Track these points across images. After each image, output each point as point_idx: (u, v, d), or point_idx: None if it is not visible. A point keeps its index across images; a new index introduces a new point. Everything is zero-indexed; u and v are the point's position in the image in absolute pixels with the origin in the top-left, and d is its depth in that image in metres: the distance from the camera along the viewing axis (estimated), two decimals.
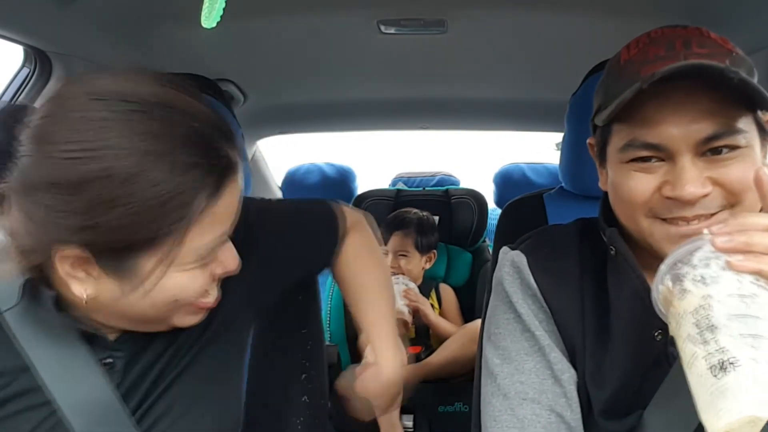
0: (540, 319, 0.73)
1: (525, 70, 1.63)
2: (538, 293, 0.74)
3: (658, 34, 0.66)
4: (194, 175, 0.56)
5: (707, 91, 0.61)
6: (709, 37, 0.65)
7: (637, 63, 0.65)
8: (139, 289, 0.59)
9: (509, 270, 0.77)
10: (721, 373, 0.47)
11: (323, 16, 1.24)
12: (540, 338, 0.72)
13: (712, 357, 0.48)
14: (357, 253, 0.91)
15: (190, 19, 0.80)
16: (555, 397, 0.70)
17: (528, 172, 2.40)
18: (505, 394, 0.71)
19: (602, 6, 1.17)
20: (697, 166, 0.62)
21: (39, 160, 0.54)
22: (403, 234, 1.97)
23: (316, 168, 2.40)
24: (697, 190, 0.61)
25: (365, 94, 1.88)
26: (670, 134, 0.62)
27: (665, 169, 0.64)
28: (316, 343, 0.99)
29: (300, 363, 0.94)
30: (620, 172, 0.67)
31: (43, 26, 1.10)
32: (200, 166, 0.57)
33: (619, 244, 0.69)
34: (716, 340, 0.48)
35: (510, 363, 0.73)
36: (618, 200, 0.69)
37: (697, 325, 0.50)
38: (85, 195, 0.53)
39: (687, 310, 0.52)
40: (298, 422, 0.91)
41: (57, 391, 0.65)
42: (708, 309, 0.50)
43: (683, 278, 0.53)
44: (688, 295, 0.52)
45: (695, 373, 0.49)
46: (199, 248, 0.60)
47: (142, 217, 0.55)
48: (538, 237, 0.81)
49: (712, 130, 0.61)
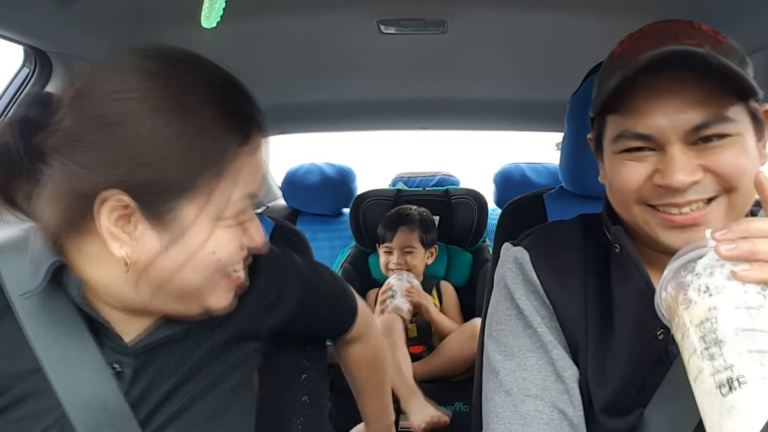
0: (542, 316, 0.73)
1: (525, 70, 1.63)
2: (541, 289, 0.74)
3: (650, 28, 0.68)
4: (225, 122, 0.60)
5: (695, 81, 0.61)
6: (699, 29, 0.66)
7: (628, 56, 0.65)
8: (180, 244, 0.60)
9: (511, 266, 0.77)
10: (728, 391, 0.46)
11: (323, 16, 1.24)
12: (542, 335, 0.72)
13: (719, 374, 0.47)
14: (366, 355, 1.01)
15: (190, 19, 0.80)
16: (557, 394, 0.70)
17: (528, 172, 2.40)
18: (507, 390, 0.71)
19: (602, 6, 1.17)
20: (687, 155, 0.62)
21: (77, 113, 0.58)
22: (408, 230, 2.00)
23: (316, 168, 2.40)
24: (686, 178, 0.62)
25: (365, 94, 1.88)
26: (658, 124, 0.62)
27: (656, 158, 0.64)
28: (316, 344, 0.99)
29: (300, 363, 0.94)
30: (614, 162, 0.68)
31: (43, 26, 1.10)
32: (230, 114, 0.61)
33: (625, 242, 0.70)
34: (723, 357, 0.47)
35: (512, 359, 0.72)
36: (611, 190, 0.70)
37: (704, 339, 0.49)
38: (123, 136, 0.56)
39: (693, 322, 0.51)
40: (299, 422, 0.91)
41: (66, 395, 0.63)
42: (714, 322, 0.49)
43: (687, 287, 0.52)
44: (692, 306, 0.51)
45: (702, 390, 0.48)
46: (234, 202, 0.62)
47: (180, 155, 0.58)
48: (541, 233, 0.81)
49: (700, 119, 0.61)
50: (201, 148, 0.59)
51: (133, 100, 0.57)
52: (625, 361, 0.68)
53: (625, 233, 0.71)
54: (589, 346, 0.71)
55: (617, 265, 0.72)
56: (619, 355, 0.69)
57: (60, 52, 1.21)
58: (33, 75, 1.23)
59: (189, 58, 0.62)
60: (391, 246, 2.00)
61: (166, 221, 0.59)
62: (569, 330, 0.72)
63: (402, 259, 1.97)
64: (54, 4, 1.04)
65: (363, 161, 2.83)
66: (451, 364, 1.78)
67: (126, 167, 0.57)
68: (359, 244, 2.19)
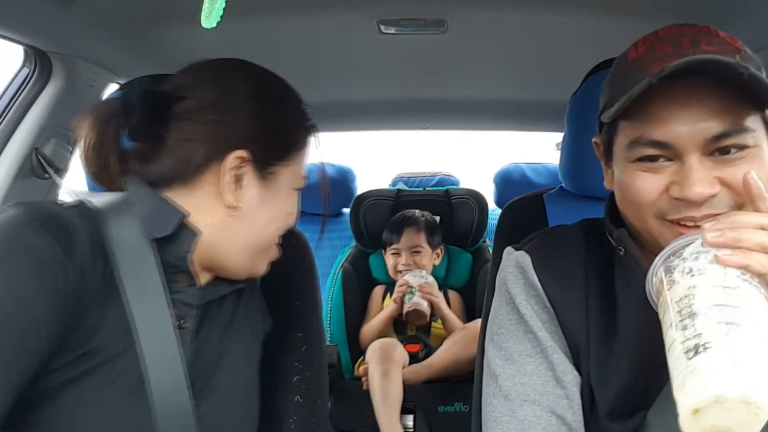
0: (543, 320, 0.73)
1: (525, 70, 1.63)
2: (542, 293, 0.73)
3: (666, 32, 0.66)
4: (302, 114, 0.81)
5: (715, 89, 0.60)
6: (717, 35, 0.64)
7: (644, 60, 0.64)
8: (273, 199, 0.76)
9: (513, 270, 0.77)
10: (693, 355, 0.48)
11: (323, 16, 1.24)
12: (543, 339, 0.72)
13: (688, 341, 0.50)
14: None
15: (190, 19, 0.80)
16: (556, 399, 0.70)
17: (528, 172, 2.40)
18: (506, 395, 0.71)
19: (602, 6, 1.17)
20: (705, 166, 0.61)
21: (211, 86, 0.74)
22: (415, 230, 2.01)
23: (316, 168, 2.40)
24: (705, 190, 0.60)
25: (365, 94, 1.88)
26: (677, 132, 0.61)
27: (673, 169, 0.63)
28: (312, 346, 0.98)
29: (293, 366, 0.94)
30: (627, 171, 0.66)
31: (43, 26, 1.10)
32: (304, 109, 0.82)
33: (629, 246, 0.69)
34: (694, 326, 0.50)
35: (512, 364, 0.72)
36: (625, 200, 0.68)
37: (680, 312, 0.52)
38: (247, 108, 0.73)
39: (673, 299, 0.54)
40: (291, 421, 0.91)
41: (148, 353, 0.66)
42: (691, 299, 0.52)
43: (673, 270, 0.55)
44: (675, 286, 0.54)
45: (673, 357, 0.51)
46: (300, 175, 0.80)
47: (285, 130, 0.77)
48: (543, 237, 0.81)
49: (720, 129, 0.60)
50: (294, 129, 0.79)
51: (249, 86, 0.75)
52: (629, 364, 0.68)
53: (629, 236, 0.70)
54: (591, 349, 0.71)
55: (621, 268, 0.71)
56: (623, 358, 0.68)
57: (60, 52, 1.21)
58: (33, 75, 1.23)
59: (266, 69, 0.80)
60: (398, 248, 2.00)
61: (269, 180, 0.75)
62: (570, 334, 0.72)
63: (410, 260, 1.98)
64: (54, 4, 1.04)
65: (363, 161, 2.83)
66: (454, 366, 1.78)
67: (249, 132, 0.73)
68: (359, 244, 2.19)
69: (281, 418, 0.90)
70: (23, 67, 1.23)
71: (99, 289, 0.65)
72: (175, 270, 0.72)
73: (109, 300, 0.65)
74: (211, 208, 0.73)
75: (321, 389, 0.98)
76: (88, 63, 1.27)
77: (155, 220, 0.70)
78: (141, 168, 0.73)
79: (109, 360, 0.65)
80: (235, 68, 0.77)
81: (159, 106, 0.72)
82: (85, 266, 0.63)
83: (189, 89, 0.73)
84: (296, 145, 0.78)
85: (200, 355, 0.74)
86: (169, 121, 0.72)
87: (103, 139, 0.72)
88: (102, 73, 1.35)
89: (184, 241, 0.71)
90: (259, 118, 0.74)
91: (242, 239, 0.75)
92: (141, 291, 0.67)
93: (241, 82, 0.75)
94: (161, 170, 0.72)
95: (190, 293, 0.73)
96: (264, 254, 0.80)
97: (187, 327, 0.72)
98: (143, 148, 0.73)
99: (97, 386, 0.64)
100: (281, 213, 0.78)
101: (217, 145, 0.71)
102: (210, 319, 0.77)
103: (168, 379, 0.67)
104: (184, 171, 0.72)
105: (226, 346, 0.78)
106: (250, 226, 0.75)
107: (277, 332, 0.93)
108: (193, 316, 0.73)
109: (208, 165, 0.71)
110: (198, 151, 0.71)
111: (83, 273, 0.63)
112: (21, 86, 1.23)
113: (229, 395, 0.76)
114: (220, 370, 0.76)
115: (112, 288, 0.66)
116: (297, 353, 0.96)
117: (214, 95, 0.73)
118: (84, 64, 1.26)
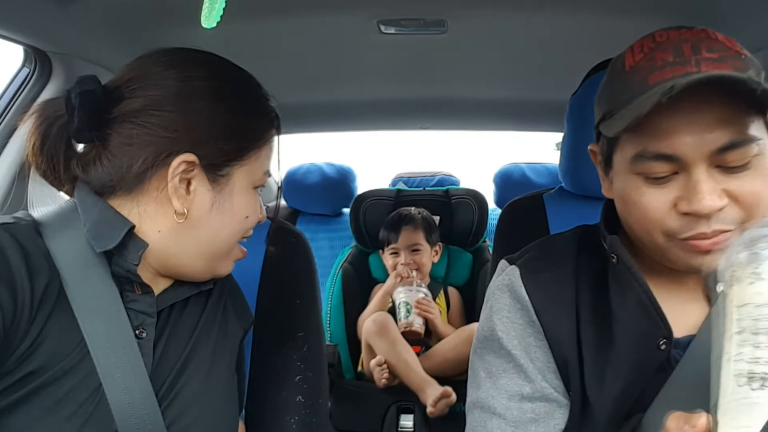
0: (527, 334, 0.72)
1: (525, 70, 1.63)
2: (530, 306, 0.73)
3: (664, 37, 0.64)
4: (262, 108, 0.75)
5: (719, 99, 0.59)
6: (716, 39, 0.63)
7: (644, 69, 0.62)
8: (226, 203, 0.71)
9: (500, 285, 0.77)
10: (759, 387, 0.44)
11: (323, 16, 1.24)
12: (516, 357, 0.72)
13: (757, 366, 0.45)
14: None
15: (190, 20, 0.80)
16: (521, 414, 0.71)
17: (528, 172, 2.40)
18: (481, 406, 0.74)
19: (602, 6, 1.17)
20: (713, 178, 0.60)
21: (155, 86, 0.67)
22: (413, 228, 2.00)
23: (316, 168, 2.40)
24: (714, 202, 0.59)
25: (365, 94, 1.88)
26: (683, 144, 0.59)
27: (679, 182, 0.61)
28: (313, 345, 0.98)
29: (295, 365, 0.94)
30: (631, 183, 0.64)
31: (43, 26, 1.10)
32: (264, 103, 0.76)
33: (621, 252, 0.68)
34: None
35: (490, 377, 0.74)
36: (630, 215, 0.67)
37: (757, 322, 0.46)
38: (196, 108, 0.68)
39: (752, 300, 0.47)
40: (293, 421, 0.91)
41: (103, 366, 0.65)
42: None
43: (762, 261, 0.47)
44: (758, 284, 0.47)
45: (730, 370, 0.46)
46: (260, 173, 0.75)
47: (238, 128, 0.71)
48: (537, 249, 0.79)
49: (726, 139, 0.59)
50: (251, 125, 0.73)
51: (203, 83, 0.69)
52: (626, 371, 0.67)
53: (624, 242, 0.69)
54: (585, 359, 0.70)
55: (614, 275, 0.70)
56: (619, 367, 0.67)
57: (60, 52, 1.21)
58: (33, 75, 1.23)
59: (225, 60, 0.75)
60: (397, 247, 1.99)
61: (221, 182, 0.70)
62: (558, 347, 0.71)
63: (410, 258, 1.96)
64: (54, 4, 1.04)
65: (363, 161, 2.83)
66: (453, 363, 1.78)
67: (198, 133, 0.68)
68: (359, 244, 2.19)
69: (283, 417, 0.90)
70: (23, 67, 1.23)
71: (38, 307, 0.62)
72: (126, 281, 0.69)
73: (52, 317, 0.63)
74: (159, 215, 0.69)
75: (322, 389, 0.98)
76: (88, 63, 1.27)
77: (100, 231, 0.66)
78: (83, 175, 0.68)
79: (56, 379, 0.63)
80: (191, 62, 0.71)
81: (98, 106, 0.66)
82: (15, 286, 0.60)
83: (135, 87, 0.67)
84: (254, 143, 0.73)
85: (164, 361, 0.71)
86: (111, 124, 0.66)
87: (48, 140, 0.68)
88: (102, 73, 1.35)
89: (131, 253, 0.67)
90: (211, 119, 0.69)
91: (195, 246, 0.71)
92: (91, 304, 0.65)
93: (195, 78, 0.69)
94: (102, 177, 0.67)
95: (145, 302, 0.70)
96: (223, 258, 0.75)
97: (144, 337, 0.69)
98: (85, 152, 0.69)
99: (47, 406, 0.62)
100: (237, 217, 0.73)
101: (159, 150, 0.66)
102: (173, 324, 0.74)
103: (129, 389, 0.66)
104: (125, 178, 0.67)
105: (193, 349, 0.75)
106: (202, 232, 0.71)
107: (277, 332, 0.93)
108: (151, 324, 0.70)
109: (153, 171, 0.66)
110: (138, 157, 0.66)
111: (13, 293, 0.60)
112: (21, 86, 1.23)
113: (198, 399, 0.74)
114: (186, 375, 0.73)
115: (57, 304, 0.64)
116: (299, 353, 0.96)
117: (163, 94, 0.67)
118: (84, 64, 1.26)
